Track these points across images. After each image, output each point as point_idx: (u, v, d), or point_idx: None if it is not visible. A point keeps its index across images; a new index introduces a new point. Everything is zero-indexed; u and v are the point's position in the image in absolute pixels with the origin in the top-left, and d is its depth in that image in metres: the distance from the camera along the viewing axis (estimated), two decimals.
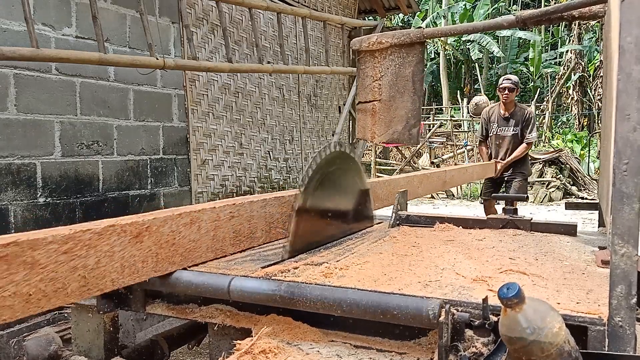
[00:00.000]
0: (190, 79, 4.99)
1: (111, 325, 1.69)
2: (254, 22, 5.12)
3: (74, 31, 3.86)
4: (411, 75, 2.11)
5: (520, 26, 2.02)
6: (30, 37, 3.22)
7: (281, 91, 6.34)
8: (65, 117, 3.79)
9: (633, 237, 1.00)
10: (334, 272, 1.42)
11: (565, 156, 12.19)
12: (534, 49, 21.00)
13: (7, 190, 3.50)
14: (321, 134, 7.19)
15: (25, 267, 1.06)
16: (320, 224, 1.79)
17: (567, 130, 17.96)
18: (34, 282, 1.07)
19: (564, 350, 0.89)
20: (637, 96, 1.00)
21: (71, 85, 3.86)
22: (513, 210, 2.24)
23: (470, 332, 1.08)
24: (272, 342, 1.21)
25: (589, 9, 1.89)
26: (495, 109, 5.57)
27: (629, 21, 1.02)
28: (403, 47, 2.11)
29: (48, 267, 1.10)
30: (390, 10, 8.35)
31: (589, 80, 19.77)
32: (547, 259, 1.61)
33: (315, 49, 6.73)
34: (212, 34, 5.24)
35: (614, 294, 1.00)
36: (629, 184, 0.99)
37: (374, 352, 1.22)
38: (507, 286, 0.90)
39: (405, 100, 2.12)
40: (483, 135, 5.67)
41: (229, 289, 1.32)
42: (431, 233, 2.08)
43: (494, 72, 24.51)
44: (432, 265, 1.51)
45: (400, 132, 2.15)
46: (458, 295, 1.22)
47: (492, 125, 5.53)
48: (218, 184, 5.38)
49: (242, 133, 5.70)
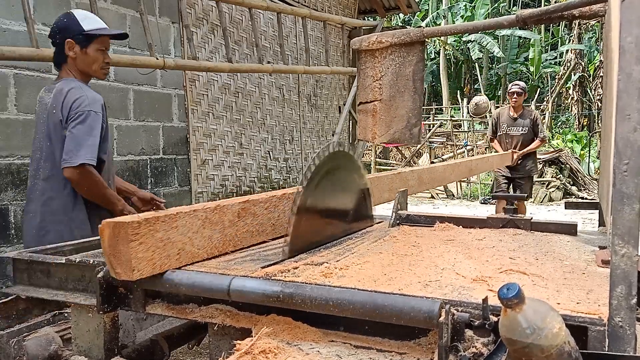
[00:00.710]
0: (190, 79, 4.99)
1: (111, 325, 1.68)
2: (254, 22, 5.12)
3: None
4: (411, 75, 2.11)
5: (521, 25, 2.02)
6: (30, 37, 3.23)
7: (281, 91, 6.34)
8: None
9: (633, 237, 1.00)
10: (334, 272, 1.41)
11: (565, 156, 12.20)
12: (533, 49, 21.01)
13: (7, 190, 3.50)
14: (321, 134, 7.19)
15: (251, 215, 1.71)
16: (320, 224, 1.79)
17: (567, 130, 17.97)
18: (255, 224, 1.73)
19: (564, 350, 0.89)
20: (637, 96, 1.00)
21: None
22: (513, 209, 2.24)
23: (470, 332, 1.08)
24: (272, 342, 1.21)
25: (589, 8, 1.89)
26: (505, 111, 6.48)
27: (629, 21, 1.01)
28: (403, 46, 2.11)
29: (260, 216, 1.75)
30: (390, 10, 8.36)
31: (589, 80, 19.77)
32: (547, 259, 1.61)
33: (315, 49, 6.73)
34: (212, 34, 5.24)
35: (614, 294, 1.00)
36: (629, 184, 0.99)
37: (374, 352, 1.22)
38: (507, 286, 0.90)
39: (406, 99, 2.12)
40: (493, 133, 6.53)
41: (229, 289, 1.32)
42: (431, 233, 2.08)
43: (494, 72, 24.52)
44: (432, 265, 1.51)
45: (401, 132, 2.15)
46: (458, 295, 1.22)
47: (501, 125, 6.37)
48: (218, 184, 5.38)
49: (242, 133, 5.70)
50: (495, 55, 21.47)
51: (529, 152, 6.26)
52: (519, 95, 6.18)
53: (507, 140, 6.31)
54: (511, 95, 6.24)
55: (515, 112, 6.27)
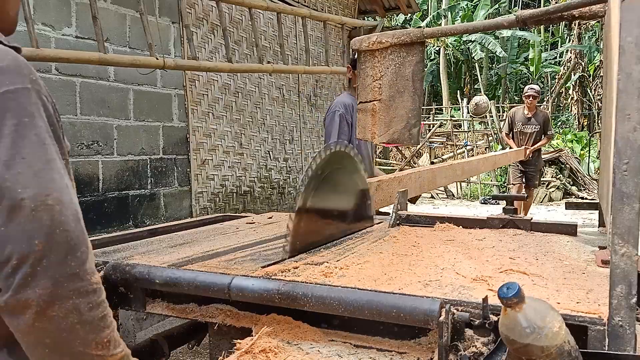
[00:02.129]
0: (190, 79, 4.99)
1: None
2: (254, 22, 5.12)
3: (74, 31, 3.86)
4: (411, 75, 2.11)
5: (521, 26, 2.02)
6: (30, 37, 3.23)
7: (281, 91, 6.34)
8: (65, 117, 3.79)
9: (633, 237, 1.00)
10: (334, 271, 1.42)
11: (565, 156, 12.19)
12: (533, 49, 21.00)
13: None
14: (321, 134, 7.19)
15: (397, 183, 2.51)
16: (321, 224, 1.79)
17: (567, 130, 17.94)
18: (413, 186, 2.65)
19: (564, 349, 0.89)
20: (637, 96, 1.00)
21: (71, 85, 3.86)
22: (513, 210, 2.24)
23: (470, 331, 1.08)
24: (273, 342, 1.21)
25: (589, 9, 1.89)
26: (520, 110, 7.41)
27: (629, 21, 1.02)
28: (403, 46, 2.11)
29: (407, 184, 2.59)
30: (390, 10, 8.35)
31: (589, 80, 19.76)
32: (547, 259, 1.61)
33: (315, 49, 6.73)
34: (212, 34, 5.24)
35: (614, 293, 1.00)
36: (629, 184, 0.99)
37: (374, 352, 1.22)
38: (507, 286, 0.90)
39: (405, 99, 2.12)
40: (509, 129, 7.43)
41: (229, 288, 1.32)
42: (431, 233, 2.08)
43: (494, 72, 24.50)
44: (432, 265, 1.51)
45: (400, 132, 2.14)
46: (458, 294, 1.22)
47: (516, 124, 7.27)
48: (218, 183, 5.38)
49: (242, 133, 5.70)
50: (496, 55, 21.45)
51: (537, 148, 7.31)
52: (534, 98, 7.11)
53: (521, 137, 7.23)
54: (527, 97, 7.15)
55: (529, 111, 7.18)
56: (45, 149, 0.79)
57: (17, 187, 0.74)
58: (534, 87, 7.28)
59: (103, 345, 0.78)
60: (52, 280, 0.74)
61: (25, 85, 0.80)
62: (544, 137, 7.22)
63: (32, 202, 0.74)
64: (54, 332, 0.75)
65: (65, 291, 0.75)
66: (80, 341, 0.76)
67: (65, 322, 0.75)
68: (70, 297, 0.75)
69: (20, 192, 0.74)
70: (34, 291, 0.73)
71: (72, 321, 0.75)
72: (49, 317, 0.74)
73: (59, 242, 0.75)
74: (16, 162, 0.75)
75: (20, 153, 0.76)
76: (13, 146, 0.75)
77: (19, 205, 0.74)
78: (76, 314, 0.76)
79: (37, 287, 0.73)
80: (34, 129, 0.78)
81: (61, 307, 0.75)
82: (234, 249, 1.79)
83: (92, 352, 0.76)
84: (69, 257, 0.76)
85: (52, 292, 0.74)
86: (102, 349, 0.78)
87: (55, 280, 0.74)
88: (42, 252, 0.74)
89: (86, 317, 0.76)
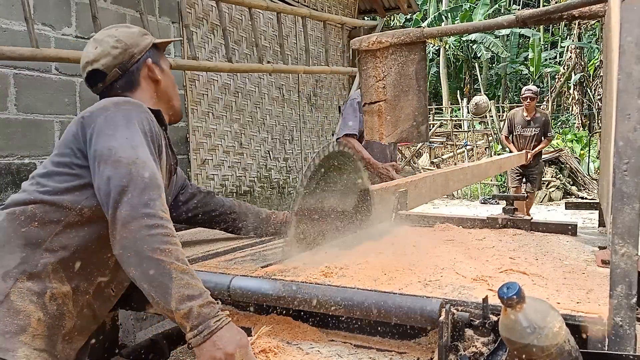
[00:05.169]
0: (190, 79, 4.98)
1: (111, 325, 1.69)
2: (254, 22, 5.12)
3: (74, 31, 3.86)
4: (415, 73, 2.10)
5: (520, 25, 2.02)
6: (30, 37, 3.22)
7: (281, 91, 6.34)
8: (65, 117, 3.79)
9: (633, 237, 1.00)
10: (334, 271, 1.41)
11: (565, 156, 12.19)
12: (533, 49, 20.99)
13: (7, 190, 3.50)
14: (321, 134, 7.19)
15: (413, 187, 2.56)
16: (321, 224, 1.79)
17: (567, 130, 17.94)
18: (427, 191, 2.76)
19: (564, 349, 0.89)
20: (637, 96, 1.00)
21: (71, 85, 3.86)
22: (513, 209, 2.24)
23: (471, 331, 1.08)
24: (272, 342, 1.21)
25: (589, 9, 1.89)
26: (519, 112, 7.17)
27: (629, 21, 1.02)
28: (404, 46, 2.11)
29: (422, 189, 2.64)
30: (390, 10, 8.34)
31: (589, 80, 19.75)
32: (547, 259, 1.61)
33: (315, 49, 6.73)
34: (212, 33, 5.24)
35: (614, 293, 1.00)
36: (630, 184, 0.99)
37: (374, 352, 1.22)
38: (507, 286, 0.90)
39: (411, 98, 2.11)
40: (508, 132, 7.26)
41: (229, 288, 1.33)
42: (431, 233, 2.08)
43: (494, 72, 24.50)
44: (432, 265, 1.51)
45: (408, 131, 2.14)
46: (458, 294, 1.22)
47: (516, 127, 7.09)
48: (218, 183, 5.38)
49: (242, 133, 5.70)
50: (498, 54, 21.44)
51: None
52: (532, 100, 6.86)
53: (521, 140, 7.06)
54: (525, 99, 6.93)
55: (528, 114, 6.97)
56: (140, 137, 1.28)
57: (119, 152, 1.22)
58: (532, 88, 7.07)
59: (165, 253, 1.12)
60: (130, 206, 1.14)
61: (139, 112, 1.35)
62: (543, 140, 7.08)
63: (126, 160, 1.20)
64: (132, 240, 1.12)
65: (139, 213, 1.13)
66: (147, 247, 1.11)
67: (139, 234, 1.12)
68: (142, 218, 1.13)
69: (121, 154, 1.22)
70: (120, 211, 1.14)
71: (143, 234, 1.12)
72: (128, 229, 1.13)
73: (137, 183, 1.17)
74: (120, 137, 1.26)
75: (125, 134, 1.26)
76: (123, 130, 1.27)
77: (119, 161, 1.20)
78: (146, 229, 1.13)
79: (122, 209, 1.14)
80: (135, 126, 1.29)
81: (136, 223, 1.13)
82: (233, 249, 1.79)
83: (156, 257, 1.11)
84: (143, 194, 1.16)
85: (131, 213, 1.14)
86: (164, 255, 1.11)
87: (133, 206, 1.14)
88: (127, 188, 1.15)
89: (152, 232, 1.13)
